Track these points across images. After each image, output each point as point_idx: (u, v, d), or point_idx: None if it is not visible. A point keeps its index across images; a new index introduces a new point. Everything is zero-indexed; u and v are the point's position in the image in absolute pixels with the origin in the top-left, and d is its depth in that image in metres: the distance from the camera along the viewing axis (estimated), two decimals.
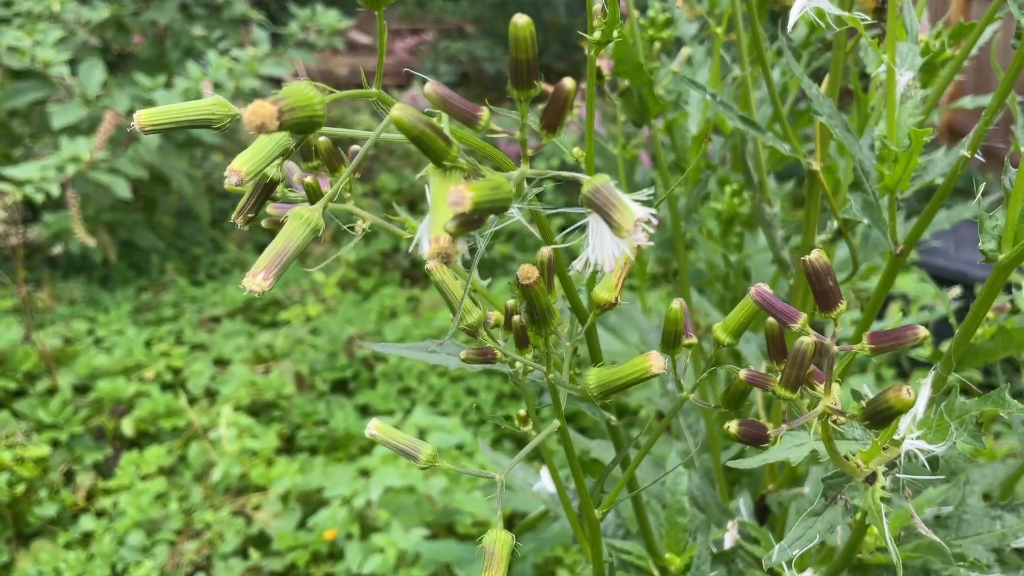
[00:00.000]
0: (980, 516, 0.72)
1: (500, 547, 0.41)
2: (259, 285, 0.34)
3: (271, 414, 2.69)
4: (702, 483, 0.86)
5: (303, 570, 2.12)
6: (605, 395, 0.42)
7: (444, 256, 0.30)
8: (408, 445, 0.46)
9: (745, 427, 0.43)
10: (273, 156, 0.36)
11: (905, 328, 0.41)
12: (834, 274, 0.41)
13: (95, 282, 3.24)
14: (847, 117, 0.96)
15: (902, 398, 0.38)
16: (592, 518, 0.53)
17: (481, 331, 0.45)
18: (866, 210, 0.65)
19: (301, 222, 0.36)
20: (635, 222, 0.31)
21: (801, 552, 0.49)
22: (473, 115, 0.33)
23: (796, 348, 0.40)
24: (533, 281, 0.39)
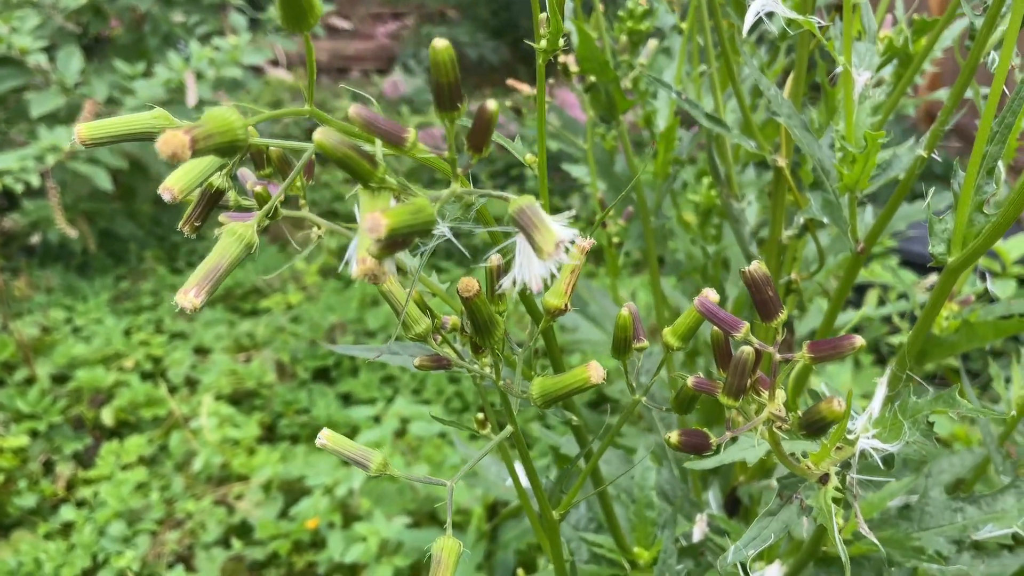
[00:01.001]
0: (942, 508, 0.73)
1: (447, 554, 0.42)
2: (191, 302, 0.34)
3: (252, 403, 2.68)
4: (671, 477, 0.87)
5: (285, 559, 2.12)
6: (548, 404, 0.43)
7: (371, 277, 0.30)
8: (358, 454, 0.46)
9: (686, 437, 0.43)
10: (209, 172, 0.36)
11: (843, 338, 0.41)
12: (773, 284, 0.41)
13: (73, 271, 3.21)
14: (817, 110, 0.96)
15: (833, 410, 0.39)
16: (550, 519, 0.53)
17: (430, 340, 0.45)
18: (826, 209, 0.65)
19: (235, 239, 0.36)
20: (556, 244, 0.31)
21: (756, 552, 0.50)
22: (399, 136, 0.33)
23: (736, 357, 0.40)
24: (473, 294, 0.39)
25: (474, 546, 1.97)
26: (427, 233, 0.31)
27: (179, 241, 3.53)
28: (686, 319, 0.46)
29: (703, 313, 0.42)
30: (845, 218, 0.65)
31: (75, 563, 2.09)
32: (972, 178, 0.49)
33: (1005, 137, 0.47)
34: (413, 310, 0.44)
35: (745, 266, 0.44)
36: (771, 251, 0.85)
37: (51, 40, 3.16)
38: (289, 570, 2.11)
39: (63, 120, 2.95)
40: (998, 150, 0.48)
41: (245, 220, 0.51)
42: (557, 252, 0.31)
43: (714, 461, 0.52)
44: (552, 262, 0.31)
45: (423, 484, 2.27)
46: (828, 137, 0.68)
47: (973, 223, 0.49)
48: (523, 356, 0.46)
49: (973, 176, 0.49)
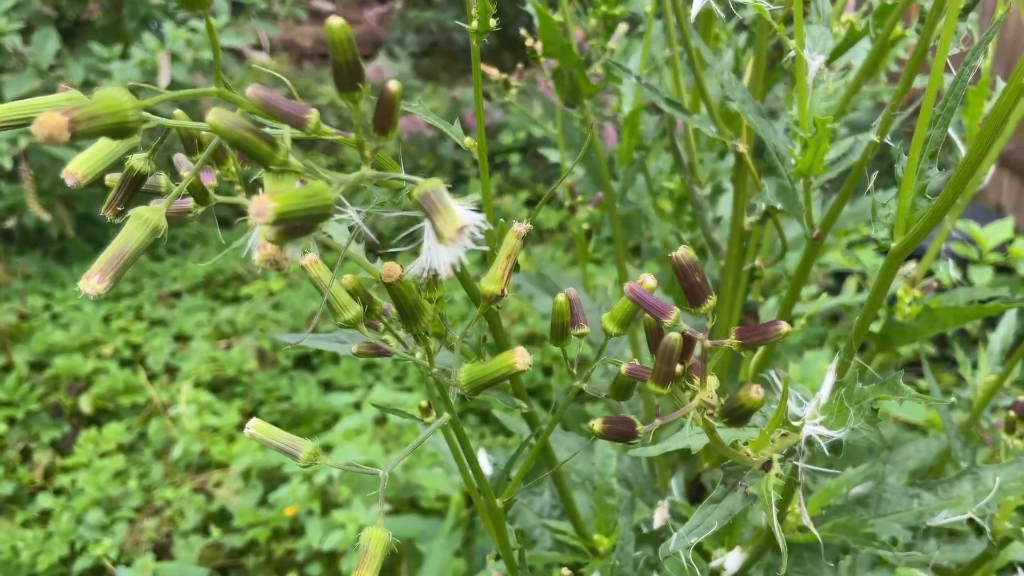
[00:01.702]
0: (899, 495, 0.73)
1: (375, 544, 0.41)
2: (94, 288, 0.33)
3: (233, 390, 2.67)
4: (633, 464, 0.86)
5: (264, 547, 2.12)
6: (475, 390, 0.42)
7: (273, 263, 0.29)
8: (287, 444, 0.45)
9: (610, 425, 0.42)
10: (114, 157, 0.35)
11: (769, 324, 0.41)
12: (701, 270, 0.40)
13: (51, 257, 3.18)
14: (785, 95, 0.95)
15: (751, 397, 0.38)
16: (494, 507, 0.53)
17: (360, 328, 0.44)
18: (781, 195, 0.64)
19: (140, 223, 0.35)
20: (459, 229, 0.30)
21: (699, 539, 0.49)
22: (300, 118, 0.32)
23: (664, 344, 0.39)
24: (396, 279, 0.38)
25: (452, 533, 1.97)
26: (325, 218, 0.30)
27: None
28: (623, 305, 0.46)
29: (633, 299, 0.42)
30: (800, 204, 0.65)
31: (52, 551, 2.08)
32: (914, 162, 0.48)
33: (947, 121, 0.47)
34: (343, 296, 0.43)
35: (713, 253, 0.43)
36: (734, 237, 0.84)
37: (27, 23, 3.11)
38: (268, 557, 2.11)
39: None
40: (940, 134, 0.47)
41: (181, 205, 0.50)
42: (460, 237, 0.30)
43: (657, 449, 0.51)
44: (457, 248, 0.30)
45: (403, 471, 2.27)
46: (783, 123, 0.67)
47: (916, 207, 0.48)
48: (459, 342, 0.45)
49: (915, 160, 0.48)
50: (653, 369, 0.40)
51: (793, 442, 0.52)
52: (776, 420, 0.45)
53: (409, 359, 0.44)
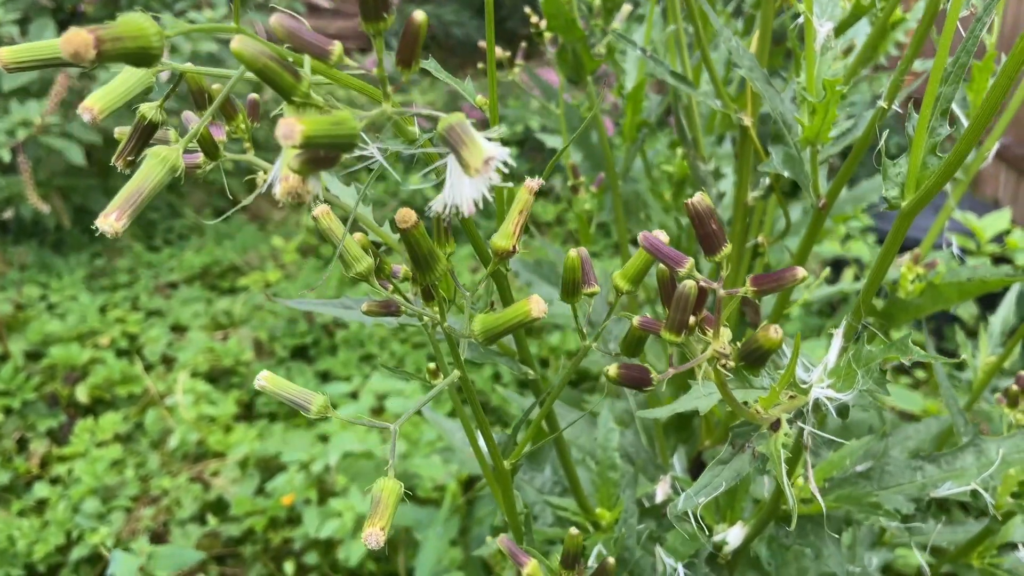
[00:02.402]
0: (902, 467, 0.73)
1: (387, 495, 0.41)
2: (112, 226, 0.33)
3: (230, 381, 2.66)
4: (635, 439, 0.86)
5: (261, 535, 2.11)
6: (490, 340, 0.42)
7: (295, 196, 0.29)
8: (298, 396, 0.45)
9: (626, 370, 0.42)
10: (132, 93, 0.35)
11: (785, 270, 0.41)
12: (717, 217, 0.40)
13: (48, 247, 3.17)
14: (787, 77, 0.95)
15: (770, 337, 0.38)
16: (502, 469, 0.53)
17: (372, 280, 0.44)
18: (787, 163, 0.64)
19: (158, 161, 0.34)
20: (485, 160, 0.30)
21: (707, 499, 0.49)
22: (324, 49, 0.32)
23: (679, 291, 0.39)
24: (411, 225, 0.38)
25: (448, 521, 1.97)
26: (349, 148, 0.29)
27: (156, 219, 3.49)
28: (635, 261, 0.46)
29: (648, 249, 0.41)
30: (807, 172, 0.65)
31: (49, 540, 2.07)
32: (925, 120, 0.48)
33: (959, 78, 0.47)
34: (355, 249, 0.43)
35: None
36: (737, 213, 0.84)
37: (24, 13, 3.10)
38: (265, 546, 2.10)
39: (35, 94, 2.91)
40: (952, 91, 0.47)
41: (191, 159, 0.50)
42: (486, 169, 0.30)
43: (667, 410, 0.51)
44: (482, 181, 0.30)
45: (400, 460, 2.26)
46: (790, 91, 0.67)
47: (927, 165, 0.48)
48: (472, 298, 0.45)
49: (927, 118, 0.48)
50: (667, 318, 0.40)
51: (801, 404, 0.52)
52: (787, 376, 0.45)
53: (421, 312, 0.44)
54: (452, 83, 0.46)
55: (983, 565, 0.86)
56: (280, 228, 3.67)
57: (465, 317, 0.43)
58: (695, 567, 0.73)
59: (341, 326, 2.95)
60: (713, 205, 0.40)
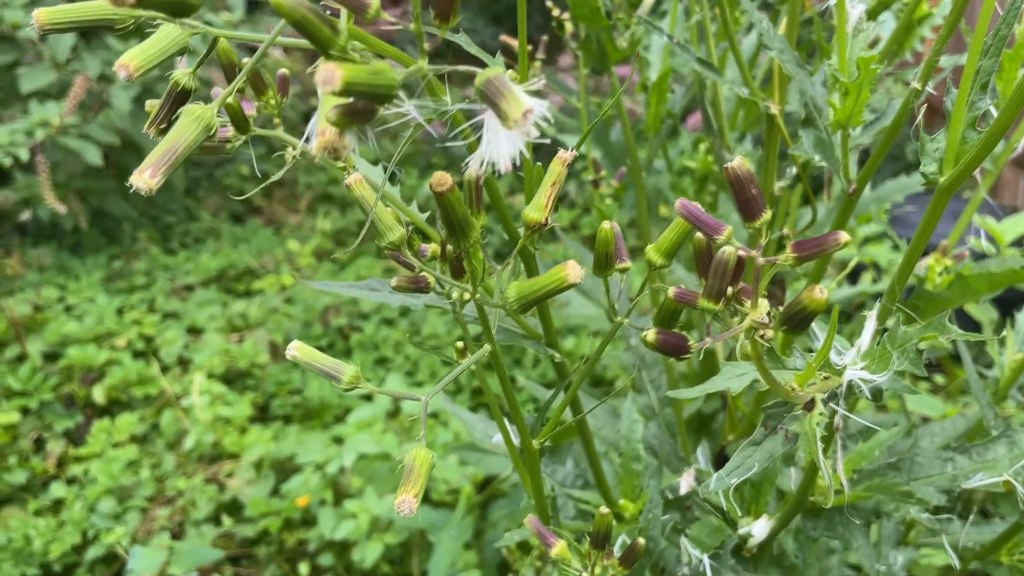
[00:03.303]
0: (932, 459, 0.72)
1: (420, 463, 0.40)
2: (146, 183, 0.32)
3: (245, 383, 2.67)
4: (659, 432, 0.85)
5: (276, 536, 2.11)
6: (525, 308, 0.41)
7: (331, 150, 0.28)
8: (330, 367, 0.44)
9: (664, 336, 0.42)
10: (167, 53, 0.35)
11: (827, 235, 0.40)
12: (757, 183, 0.40)
13: (66, 249, 3.19)
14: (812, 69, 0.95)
15: (815, 297, 0.37)
16: (530, 449, 0.52)
17: (404, 250, 0.43)
18: (818, 147, 0.64)
19: (193, 119, 0.34)
20: (524, 112, 0.29)
21: (739, 480, 0.48)
22: (362, 2, 0.31)
23: (718, 257, 0.38)
24: (447, 188, 0.38)
25: (463, 523, 1.96)
26: (387, 99, 0.29)
27: (173, 222, 3.51)
28: (670, 232, 0.45)
29: (685, 216, 0.41)
30: (838, 157, 0.64)
31: (65, 539, 2.08)
32: (965, 94, 0.47)
33: (999, 50, 0.46)
34: (387, 218, 0.42)
35: (738, 237, 0.42)
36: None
37: None
38: (280, 547, 2.10)
39: (54, 96, 2.93)
40: (992, 64, 0.46)
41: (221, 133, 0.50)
42: (524, 122, 0.29)
43: (698, 390, 0.50)
44: (520, 135, 0.30)
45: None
46: (821, 75, 0.66)
47: (966, 140, 0.47)
48: (501, 272, 0.44)
49: (966, 92, 0.47)
50: (705, 286, 0.39)
51: (835, 386, 0.51)
52: (825, 350, 0.44)
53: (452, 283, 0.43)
54: (481, 56, 0.45)
55: (1012, 562, 0.85)
56: (296, 232, 3.68)
57: (497, 286, 0.43)
58: (720, 559, 0.72)
59: (356, 329, 2.95)
60: (752, 169, 0.39)
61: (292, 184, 4.11)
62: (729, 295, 0.40)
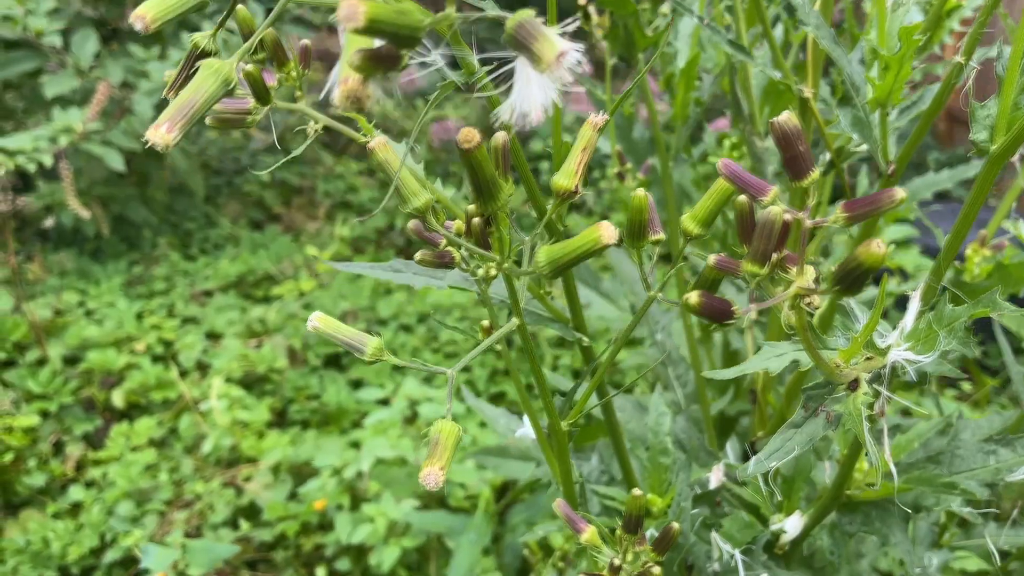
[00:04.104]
0: (973, 451, 0.69)
1: (446, 436, 0.38)
2: (162, 138, 0.31)
3: (263, 388, 2.66)
4: (687, 425, 0.83)
5: (293, 541, 2.10)
6: (557, 272, 0.39)
7: (354, 99, 0.27)
8: (353, 338, 0.43)
9: (707, 299, 0.39)
10: (185, 7, 0.33)
11: (881, 192, 0.37)
12: (805, 139, 0.38)
13: (87, 255, 3.21)
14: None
15: (872, 252, 0.34)
16: (558, 430, 0.50)
17: (430, 217, 0.42)
18: (856, 126, 0.61)
19: (211, 72, 0.33)
20: (558, 54, 0.27)
21: (779, 463, 0.46)
22: None
23: (764, 216, 0.36)
24: (474, 145, 0.36)
25: (481, 528, 1.94)
26: (413, 42, 0.27)
27: (193, 228, 3.52)
28: (707, 200, 0.43)
29: (727, 175, 0.39)
30: (876, 137, 0.62)
31: (83, 542, 2.07)
32: (1018, 57, 0.45)
33: None
34: (412, 182, 0.41)
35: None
36: (795, 191, 0.81)
37: (68, 25, 3.16)
38: (297, 551, 2.09)
39: (77, 103, 2.95)
40: None
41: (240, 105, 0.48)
42: (558, 65, 0.27)
43: (735, 371, 0.48)
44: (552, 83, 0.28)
45: None
46: (858, 52, 0.64)
47: (1019, 106, 0.45)
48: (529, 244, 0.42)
49: (1019, 56, 0.45)
50: (751, 248, 0.37)
51: (879, 366, 0.49)
52: (872, 324, 0.42)
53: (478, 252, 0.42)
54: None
55: None
56: (314, 239, 3.68)
57: (525, 255, 0.41)
58: (753, 554, 0.69)
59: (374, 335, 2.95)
60: (800, 125, 0.37)
61: (311, 191, 4.13)
62: (773, 261, 0.38)
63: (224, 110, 0.45)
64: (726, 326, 0.41)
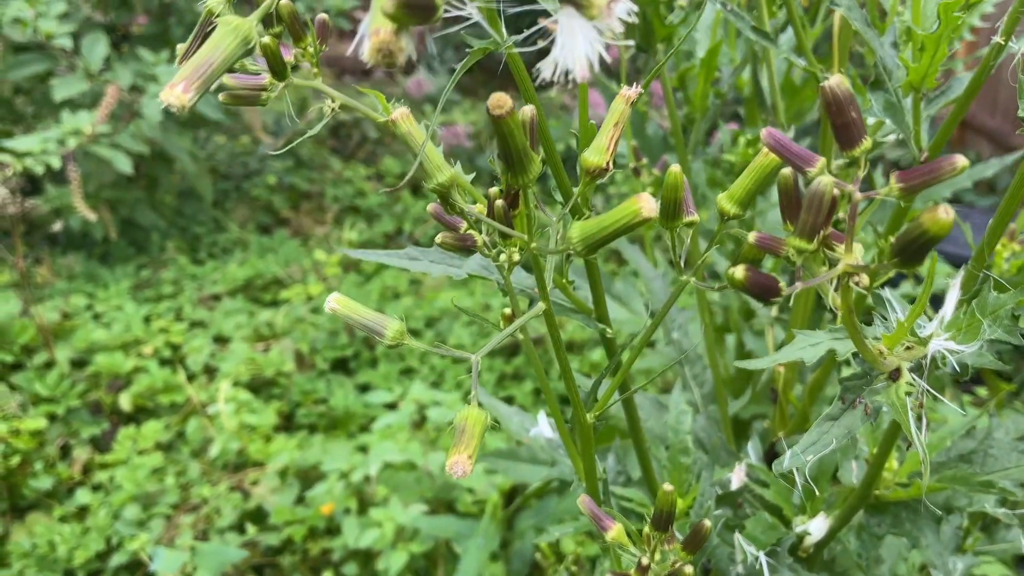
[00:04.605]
0: (1008, 450, 0.66)
1: (472, 424, 0.36)
2: (178, 98, 0.29)
3: (271, 391, 2.64)
4: (708, 424, 0.81)
5: (300, 545, 2.07)
6: (591, 248, 0.37)
7: (387, 52, 0.25)
8: (373, 320, 0.41)
9: (754, 274, 0.37)
10: None
11: (941, 159, 0.35)
12: (858, 105, 0.35)
13: (95, 258, 3.20)
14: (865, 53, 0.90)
15: (939, 218, 0.32)
16: (583, 423, 0.48)
17: (454, 193, 0.40)
18: (888, 111, 0.59)
19: (230, 30, 0.31)
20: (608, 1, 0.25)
21: (816, 457, 0.44)
22: None
23: (814, 188, 0.34)
24: (506, 112, 0.34)
25: (489, 533, 1.91)
26: None
27: (201, 232, 3.52)
28: (745, 178, 0.41)
29: (772, 146, 0.37)
30: (908, 123, 0.60)
31: (89, 546, 2.06)
32: None
33: None
34: (436, 157, 0.39)
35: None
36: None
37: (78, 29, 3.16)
38: (304, 556, 2.06)
39: (86, 106, 2.95)
40: None
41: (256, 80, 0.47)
42: (608, 14, 0.26)
43: (769, 360, 0.46)
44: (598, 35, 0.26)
45: (440, 473, 2.22)
46: (890, 35, 0.62)
47: None
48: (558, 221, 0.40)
49: None
50: (797, 223, 0.35)
51: (919, 356, 0.46)
52: (919, 307, 0.40)
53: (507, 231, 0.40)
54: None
55: None
56: (322, 243, 3.67)
57: (553, 233, 0.39)
58: (778, 556, 0.67)
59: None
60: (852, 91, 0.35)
61: (319, 196, 4.12)
62: (821, 237, 0.36)
63: (239, 85, 0.44)
64: (771, 303, 0.39)
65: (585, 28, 0.27)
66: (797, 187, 0.38)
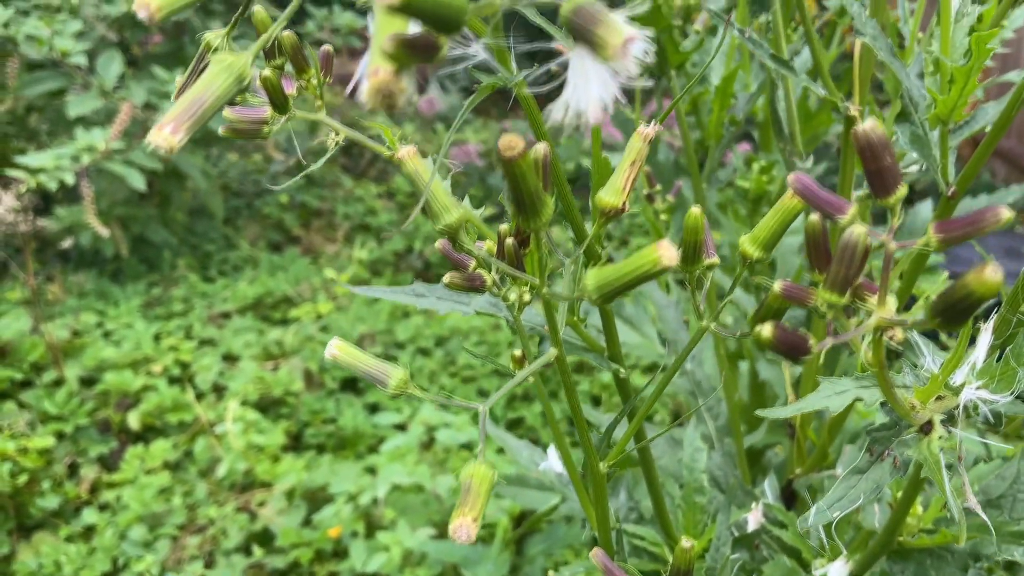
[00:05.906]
0: None
1: (478, 482, 0.34)
2: (166, 140, 0.27)
3: (279, 411, 2.63)
4: (723, 462, 0.78)
5: (306, 568, 2.05)
6: (607, 297, 0.35)
7: (386, 94, 0.23)
8: (375, 369, 0.39)
9: (781, 332, 0.35)
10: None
11: (983, 211, 0.33)
12: (893, 150, 0.33)
13: (106, 276, 3.21)
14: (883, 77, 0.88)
15: (986, 279, 0.29)
16: (596, 472, 0.46)
17: (462, 235, 0.38)
18: (914, 144, 0.57)
19: (223, 67, 0.29)
20: (625, 40, 0.24)
21: (842, 514, 0.41)
22: None
23: (845, 239, 0.32)
24: (517, 154, 0.32)
25: (499, 558, 1.88)
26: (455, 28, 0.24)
27: (212, 250, 3.52)
28: (770, 219, 0.39)
29: (800, 191, 0.34)
30: (935, 156, 0.57)
31: (95, 566, 2.04)
32: None
33: None
34: (443, 196, 0.37)
35: (790, 265, 0.36)
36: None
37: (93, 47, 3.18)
38: None
39: (100, 123, 2.96)
40: None
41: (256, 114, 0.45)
42: (624, 53, 0.24)
43: (792, 409, 0.44)
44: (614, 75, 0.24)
45: (448, 496, 2.19)
46: (916, 66, 0.60)
47: None
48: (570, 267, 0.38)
49: None
50: (828, 274, 0.33)
51: (951, 406, 0.44)
52: (955, 360, 0.37)
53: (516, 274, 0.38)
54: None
55: None
56: (333, 262, 3.67)
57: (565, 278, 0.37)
58: None
59: (391, 359, 2.91)
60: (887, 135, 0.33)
61: (330, 214, 4.12)
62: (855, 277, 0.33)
63: (238, 119, 0.42)
64: (800, 363, 0.37)
65: (599, 70, 0.25)
66: (826, 234, 0.36)
